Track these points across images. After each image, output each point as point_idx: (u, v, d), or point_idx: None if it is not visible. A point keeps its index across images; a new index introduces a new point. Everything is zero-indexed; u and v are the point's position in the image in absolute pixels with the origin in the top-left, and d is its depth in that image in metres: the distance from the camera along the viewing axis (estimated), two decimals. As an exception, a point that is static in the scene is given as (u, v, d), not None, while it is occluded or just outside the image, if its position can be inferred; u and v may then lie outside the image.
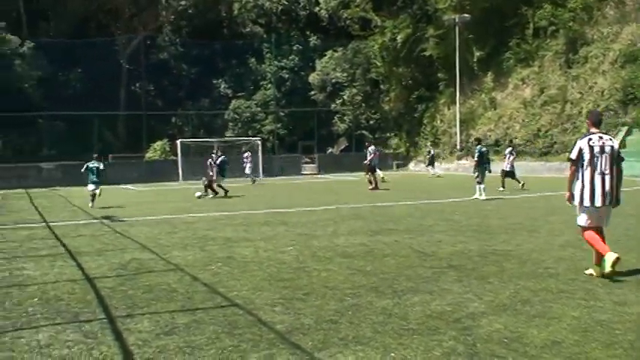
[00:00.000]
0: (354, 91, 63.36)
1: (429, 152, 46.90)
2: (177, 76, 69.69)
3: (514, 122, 46.37)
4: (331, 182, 40.19)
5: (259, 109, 67.79)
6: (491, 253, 11.19)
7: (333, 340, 6.30)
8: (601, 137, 9.02)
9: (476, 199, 22.65)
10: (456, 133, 50.77)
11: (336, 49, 64.88)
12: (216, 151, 31.07)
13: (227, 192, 28.61)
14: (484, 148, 24.51)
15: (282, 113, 67.29)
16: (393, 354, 5.83)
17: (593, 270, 9.09)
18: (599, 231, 9.13)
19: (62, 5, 64.76)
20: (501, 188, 26.04)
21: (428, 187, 31.47)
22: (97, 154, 27.19)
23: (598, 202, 8.90)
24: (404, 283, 8.81)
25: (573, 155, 9.09)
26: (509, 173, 27.53)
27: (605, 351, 5.87)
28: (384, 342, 6.18)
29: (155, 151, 55.28)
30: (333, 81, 63.80)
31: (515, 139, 44.66)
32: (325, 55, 65.55)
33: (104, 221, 19.08)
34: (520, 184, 26.68)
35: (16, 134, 56.93)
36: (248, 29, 72.96)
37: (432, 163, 45.40)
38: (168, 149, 54.29)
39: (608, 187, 8.89)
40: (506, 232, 13.94)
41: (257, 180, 41.52)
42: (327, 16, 66.92)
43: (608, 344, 6.06)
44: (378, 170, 32.26)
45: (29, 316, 7.59)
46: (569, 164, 9.26)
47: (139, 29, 65.35)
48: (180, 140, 51.18)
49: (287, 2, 69.67)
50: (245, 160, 42.99)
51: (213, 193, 28.54)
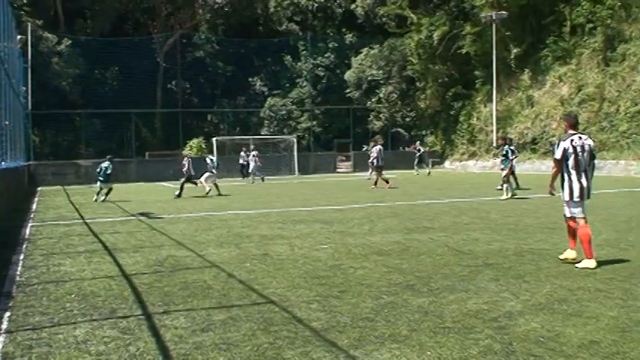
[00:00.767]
0: (390, 88, 63.20)
1: (419, 150, 47.84)
2: (213, 74, 69.97)
3: (551, 120, 45.85)
4: (366, 180, 40.08)
5: (295, 107, 67.91)
6: (527, 252, 11.10)
7: (369, 337, 6.28)
8: (580, 137, 9.90)
9: (506, 199, 22.33)
10: (492, 131, 50.38)
11: (372, 46, 64.71)
12: (247, 150, 31.51)
13: (208, 192, 28.92)
14: (512, 147, 24.37)
15: (318, 111, 67.30)
16: (429, 352, 5.80)
17: (568, 254, 10.10)
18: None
19: (99, 3, 65.41)
20: (499, 187, 25.73)
21: (464, 186, 31.29)
22: (110, 155, 28.01)
23: (586, 196, 9.82)
24: (440, 282, 8.77)
25: (558, 155, 9.89)
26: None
27: (645, 351, 5.78)
28: (420, 340, 6.16)
29: (191, 148, 55.57)
30: (369, 78, 63.68)
31: (554, 137, 44.27)
32: (361, 52, 65.42)
33: (141, 218, 19.25)
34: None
35: (54, 132, 57.69)
36: (284, 27, 73.03)
37: (420, 162, 46.64)
38: (204, 147, 54.56)
39: (588, 183, 9.85)
40: (543, 231, 13.82)
41: (256, 180, 41.07)
42: (363, 13, 66.84)
43: (647, 345, 5.96)
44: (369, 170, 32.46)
45: (66, 312, 7.67)
46: (554, 163, 10.08)
47: (175, 27, 65.75)
48: (216, 138, 51.50)
49: (323, 0, 69.67)
50: (252, 158, 42.45)
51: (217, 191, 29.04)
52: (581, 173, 9.77)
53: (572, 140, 9.81)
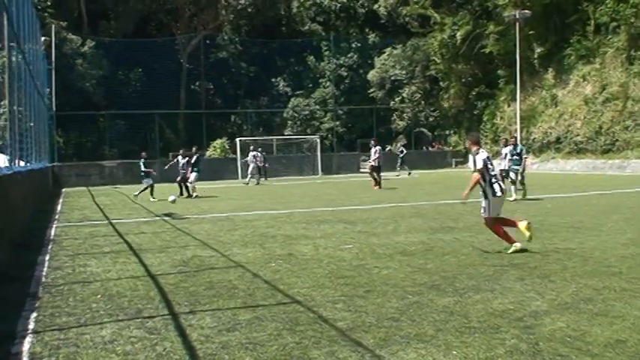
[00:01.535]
0: (413, 88, 63.10)
1: (402, 152, 47.31)
2: (236, 74, 70.20)
3: (575, 119, 45.58)
4: (390, 180, 40.02)
5: (318, 107, 67.96)
6: (552, 252, 11.04)
7: (394, 337, 6.27)
8: (484, 152, 11.72)
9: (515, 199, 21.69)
10: (516, 131, 50.13)
11: (395, 46, 64.66)
12: (254, 150, 31.55)
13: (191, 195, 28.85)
14: (511, 147, 23.44)
15: (341, 111, 67.29)
16: (455, 352, 5.79)
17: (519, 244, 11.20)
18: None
19: (123, 5, 65.83)
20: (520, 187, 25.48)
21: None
22: (144, 153, 28.70)
23: (491, 195, 11.39)
24: (465, 282, 8.73)
25: (480, 165, 11.43)
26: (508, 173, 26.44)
27: (673, 352, 5.73)
28: (445, 340, 6.14)
29: (215, 149, 55.77)
30: (392, 78, 63.61)
31: (578, 136, 44.00)
32: (384, 52, 65.38)
33: (165, 218, 19.33)
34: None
35: (78, 133, 58.10)
36: (307, 27, 73.15)
37: (402, 163, 46.43)
38: (227, 147, 54.72)
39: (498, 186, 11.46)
40: (568, 231, 13.73)
41: (253, 182, 40.43)
42: (385, 13, 66.75)
43: (675, 345, 5.91)
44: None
45: (93, 313, 7.71)
46: (476, 173, 11.53)
47: (198, 28, 66.03)
48: (239, 138, 51.62)
49: (346, 0, 69.65)
50: (253, 159, 41.58)
51: (186, 193, 29.07)
52: (494, 179, 11.51)
53: (485, 153, 11.71)
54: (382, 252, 11.55)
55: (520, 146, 23.80)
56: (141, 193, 27.97)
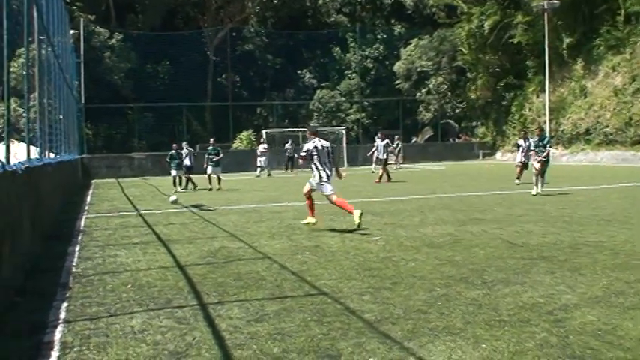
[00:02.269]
0: (440, 79, 62.81)
1: (397, 145, 45.32)
2: (262, 66, 70.30)
3: (605, 111, 45.13)
4: (416, 172, 39.95)
5: (344, 99, 67.86)
6: (583, 244, 10.94)
7: (422, 329, 6.26)
8: (320, 140, 14.10)
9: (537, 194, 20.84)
10: (545, 122, 49.76)
11: (421, 37, 64.33)
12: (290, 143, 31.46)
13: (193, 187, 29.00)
14: (536, 138, 22.43)
15: (367, 103, 67.18)
16: (484, 345, 5.76)
17: (309, 220, 14.19)
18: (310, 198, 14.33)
19: (150, -2, 66.24)
20: (517, 181, 25.21)
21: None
22: (175, 144, 29.64)
23: (328, 179, 13.90)
24: (494, 274, 8.69)
25: (303, 153, 14.14)
26: (525, 165, 25.93)
27: None
28: (474, 333, 6.12)
29: (241, 141, 55.98)
30: (419, 69, 63.33)
31: (607, 127, 43.59)
32: (410, 43, 65.05)
33: (193, 210, 19.44)
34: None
35: (107, 125, 58.56)
36: (332, 19, 73.04)
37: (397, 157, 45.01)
38: (253, 139, 54.89)
39: (328, 171, 13.89)
40: (598, 223, 13.61)
41: (262, 175, 40.43)
42: (412, 4, 66.50)
43: None
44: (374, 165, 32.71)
45: (123, 302, 7.77)
46: (301, 158, 14.55)
47: (225, 21, 66.18)
48: (265, 130, 51.73)
49: (372, -9, 69.56)
50: (264, 151, 41.38)
51: (193, 186, 29.10)
52: (322, 165, 13.81)
53: (314, 144, 13.93)
54: (409, 244, 11.53)
55: (547, 138, 23.10)
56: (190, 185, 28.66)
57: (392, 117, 64.99)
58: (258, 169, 40.87)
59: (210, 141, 30.01)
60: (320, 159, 13.80)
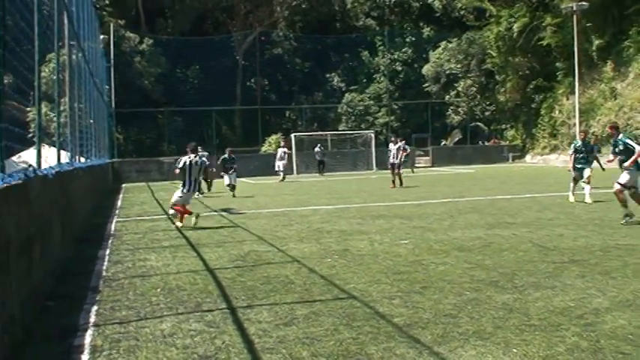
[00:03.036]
0: (469, 82, 62.54)
1: (405, 149, 41.89)
2: (291, 70, 70.53)
3: (635, 112, 44.55)
4: (445, 175, 39.78)
5: (372, 102, 67.78)
6: (613, 248, 10.82)
7: (452, 334, 6.22)
8: (196, 155, 16.45)
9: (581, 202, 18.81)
10: (575, 125, 49.30)
11: (450, 40, 64.12)
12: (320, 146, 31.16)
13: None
14: (579, 142, 20.36)
15: (396, 106, 67.04)
16: (515, 350, 5.71)
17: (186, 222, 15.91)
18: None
19: (179, 3, 66.67)
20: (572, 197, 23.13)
21: (546, 180, 30.72)
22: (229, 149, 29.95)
23: (186, 190, 16.29)
24: (524, 278, 8.61)
25: (180, 165, 16.31)
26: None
27: None
28: (505, 337, 6.06)
29: (270, 144, 56.14)
30: (447, 72, 63.12)
31: (638, 129, 43.03)
32: (439, 46, 64.87)
33: (222, 214, 19.51)
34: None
35: (137, 130, 59.02)
36: (361, 22, 73.09)
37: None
38: (282, 143, 55.03)
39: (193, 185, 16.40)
40: (630, 227, 13.45)
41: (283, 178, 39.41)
42: (440, 6, 66.25)
43: None
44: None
45: (152, 306, 7.81)
46: (177, 170, 16.55)
47: (254, 25, 66.51)
48: (294, 134, 51.82)
49: (400, -6, 69.40)
50: (283, 154, 40.41)
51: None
52: (190, 180, 16.22)
53: (190, 158, 16.27)
54: (439, 248, 11.46)
55: (592, 143, 21.36)
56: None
57: (421, 120, 64.84)
58: (282, 173, 39.87)
59: (226, 150, 29.51)
60: (191, 172, 16.24)
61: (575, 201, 18.89)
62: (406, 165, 35.37)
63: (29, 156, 10.36)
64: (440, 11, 66.89)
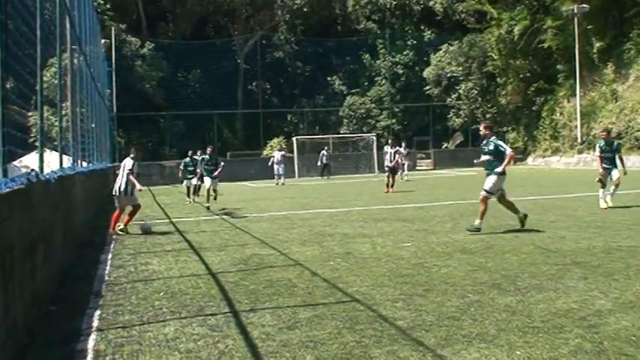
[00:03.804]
0: (470, 85, 62.49)
1: (402, 153, 37.98)
2: (292, 74, 70.59)
3: (636, 115, 44.53)
4: (447, 178, 39.77)
5: (374, 105, 67.75)
6: (616, 249, 10.81)
7: (456, 337, 6.21)
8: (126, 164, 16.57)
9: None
10: (576, 127, 49.31)
11: (451, 42, 64.13)
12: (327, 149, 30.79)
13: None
14: (602, 142, 19.36)
15: (397, 109, 67.05)
16: (518, 352, 5.70)
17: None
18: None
19: (181, 7, 66.76)
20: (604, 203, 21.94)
21: (547, 183, 30.71)
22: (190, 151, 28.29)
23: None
24: (527, 280, 8.60)
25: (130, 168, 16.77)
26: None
27: None
28: (508, 340, 6.06)
29: (272, 148, 56.20)
30: (449, 75, 63.11)
31: (638, 131, 43.02)
32: (440, 49, 64.86)
33: (224, 217, 19.52)
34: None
35: (138, 133, 59.02)
36: (362, 25, 73.09)
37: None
38: (284, 146, 55.09)
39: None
40: (631, 228, 13.44)
41: (279, 182, 39.40)
42: (441, 9, 66.22)
43: None
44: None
45: (155, 310, 7.80)
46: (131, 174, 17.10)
47: (255, 29, 66.59)
48: (295, 137, 51.87)
49: (401, -3, 69.41)
50: (281, 158, 40.49)
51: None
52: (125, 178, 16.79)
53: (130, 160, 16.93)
54: (441, 250, 11.46)
55: (616, 142, 20.09)
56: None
57: (422, 123, 64.90)
58: (276, 177, 40.05)
59: (207, 149, 24.31)
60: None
61: (607, 207, 17.59)
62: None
63: (31, 160, 10.36)
64: (441, 14, 66.86)
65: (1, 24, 6.30)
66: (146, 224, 16.74)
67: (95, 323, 7.33)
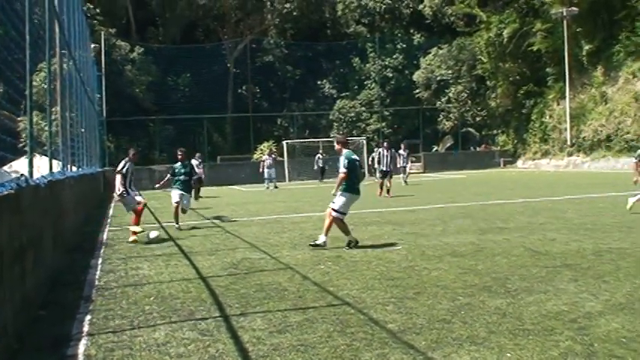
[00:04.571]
0: (460, 88, 62.59)
1: (402, 155, 36.29)
2: (282, 77, 70.56)
3: (625, 117, 44.70)
4: (437, 181, 39.83)
5: (364, 109, 67.80)
6: (606, 252, 10.87)
7: (446, 339, 6.23)
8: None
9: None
10: (565, 129, 49.47)
11: (440, 46, 64.20)
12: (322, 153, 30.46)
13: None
14: None
15: (387, 112, 67.09)
16: (508, 354, 5.73)
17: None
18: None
19: (170, 11, 66.72)
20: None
21: (537, 185, 30.80)
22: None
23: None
24: (517, 283, 8.64)
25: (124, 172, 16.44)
26: None
27: None
28: (498, 342, 6.08)
29: (262, 152, 56.18)
30: (438, 78, 63.17)
31: (628, 134, 43.16)
32: (430, 52, 64.92)
33: (215, 221, 19.49)
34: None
35: (128, 138, 58.90)
36: (352, 29, 73.11)
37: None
38: (274, 150, 55.08)
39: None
40: (621, 230, 13.50)
41: (270, 186, 39.31)
42: (431, 13, 66.27)
43: None
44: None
45: (146, 315, 7.80)
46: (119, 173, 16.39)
47: (245, 33, 66.59)
48: (285, 141, 51.86)
49: (390, 1, 69.32)
50: (272, 162, 40.25)
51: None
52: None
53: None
54: (431, 253, 11.48)
55: None
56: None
57: (412, 126, 64.98)
58: (266, 181, 39.75)
59: (178, 154, 19.33)
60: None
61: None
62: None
63: (20, 166, 10.34)
64: (430, 18, 66.92)
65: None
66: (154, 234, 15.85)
67: (86, 328, 7.32)
